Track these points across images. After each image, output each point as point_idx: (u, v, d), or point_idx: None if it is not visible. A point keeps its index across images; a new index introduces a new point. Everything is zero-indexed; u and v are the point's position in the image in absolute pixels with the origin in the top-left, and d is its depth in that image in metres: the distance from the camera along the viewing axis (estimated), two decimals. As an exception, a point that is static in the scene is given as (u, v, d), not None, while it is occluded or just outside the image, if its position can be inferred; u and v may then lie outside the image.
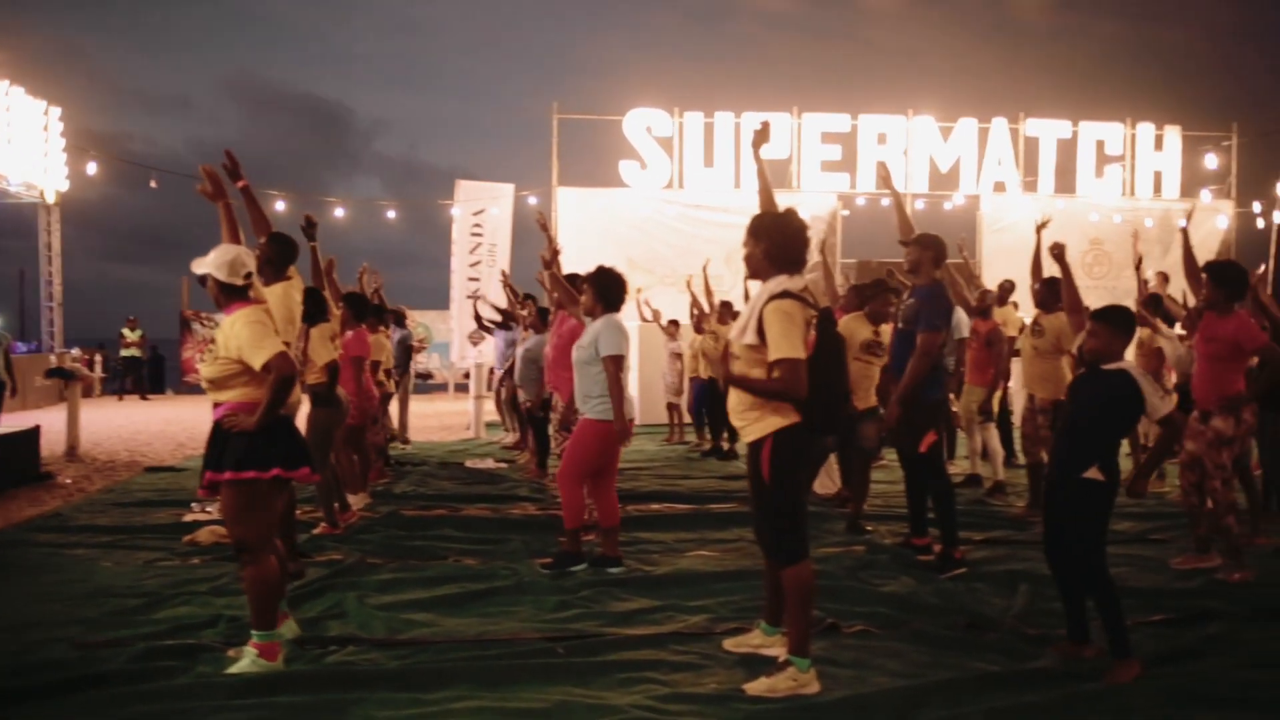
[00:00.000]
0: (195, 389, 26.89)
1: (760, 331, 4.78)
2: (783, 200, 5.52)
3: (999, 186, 21.92)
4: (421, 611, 6.12)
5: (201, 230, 6.06)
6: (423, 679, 4.91)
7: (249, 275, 5.09)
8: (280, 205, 21.42)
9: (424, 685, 4.84)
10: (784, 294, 4.78)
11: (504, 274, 16.18)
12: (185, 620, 5.85)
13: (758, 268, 4.96)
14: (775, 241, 4.89)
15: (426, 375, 28.73)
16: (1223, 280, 7.05)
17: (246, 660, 4.98)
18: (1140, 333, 10.69)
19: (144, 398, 25.99)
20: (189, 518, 8.78)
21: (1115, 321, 5.25)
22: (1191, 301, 8.82)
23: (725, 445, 13.76)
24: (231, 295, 5.05)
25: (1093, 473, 5.04)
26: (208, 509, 8.90)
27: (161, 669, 5.01)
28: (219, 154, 6.17)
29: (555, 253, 8.89)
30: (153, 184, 20.41)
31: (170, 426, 18.13)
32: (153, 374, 28.46)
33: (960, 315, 9.69)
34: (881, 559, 7.35)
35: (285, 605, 5.45)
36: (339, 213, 21.59)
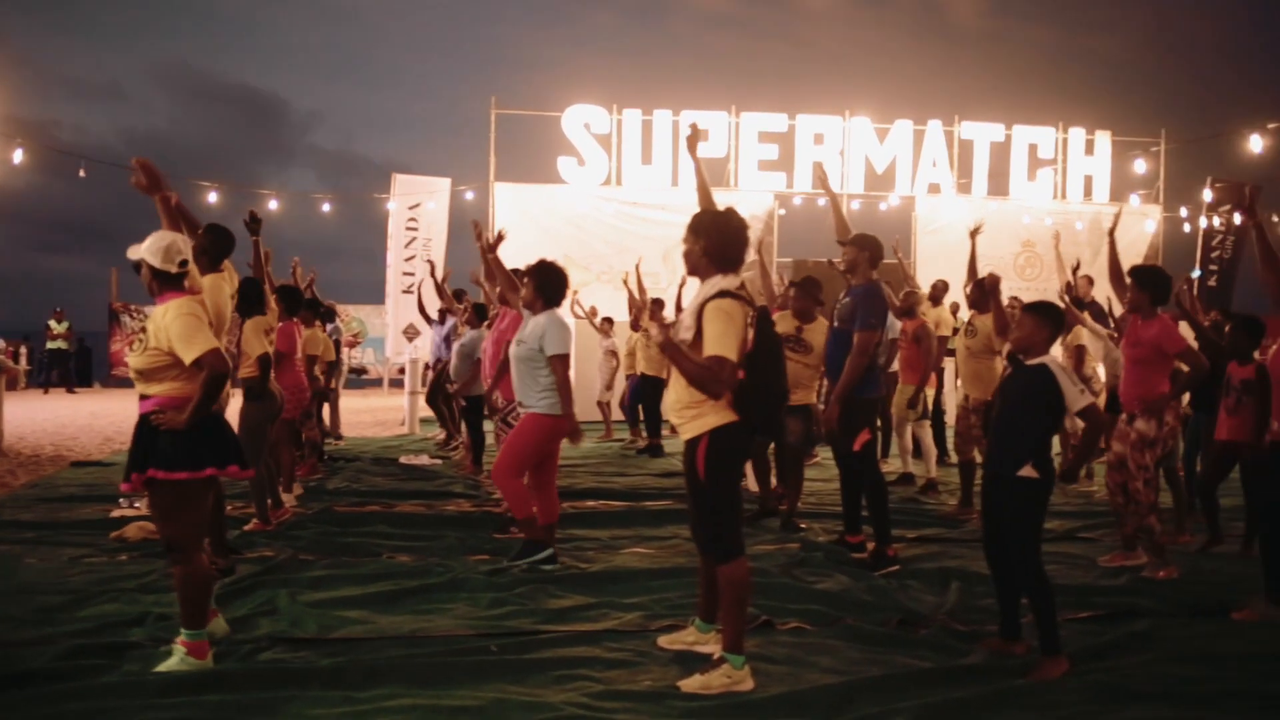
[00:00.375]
0: (123, 382, 26.48)
1: (699, 330, 4.80)
2: (720, 199, 5.55)
3: (934, 188, 22.15)
4: (354, 609, 6.06)
5: (133, 221, 5.93)
6: (355, 677, 4.85)
7: (184, 263, 5.00)
8: (213, 196, 21.14)
9: (357, 683, 4.79)
10: (724, 293, 4.79)
11: (430, 263, 16.07)
12: (112, 618, 5.74)
13: (697, 265, 4.97)
14: (715, 239, 4.90)
15: (361, 370, 28.52)
16: (1146, 284, 7.18)
17: (175, 658, 4.90)
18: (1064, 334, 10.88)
19: (71, 391, 25.54)
20: (116, 513, 8.63)
21: (1041, 313, 5.36)
22: (1119, 309, 8.96)
23: (659, 442, 13.79)
24: (165, 284, 4.95)
25: (1027, 471, 5.11)
26: (135, 504, 8.75)
27: (87, 667, 4.92)
28: (151, 143, 6.16)
29: (499, 238, 8.80)
30: (82, 173, 20.02)
31: (97, 420, 17.84)
32: (80, 367, 27.97)
33: (891, 319, 9.77)
34: (815, 556, 7.39)
35: (213, 603, 5.37)
36: (273, 205, 21.30)
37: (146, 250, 4.95)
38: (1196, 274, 11.31)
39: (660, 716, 4.52)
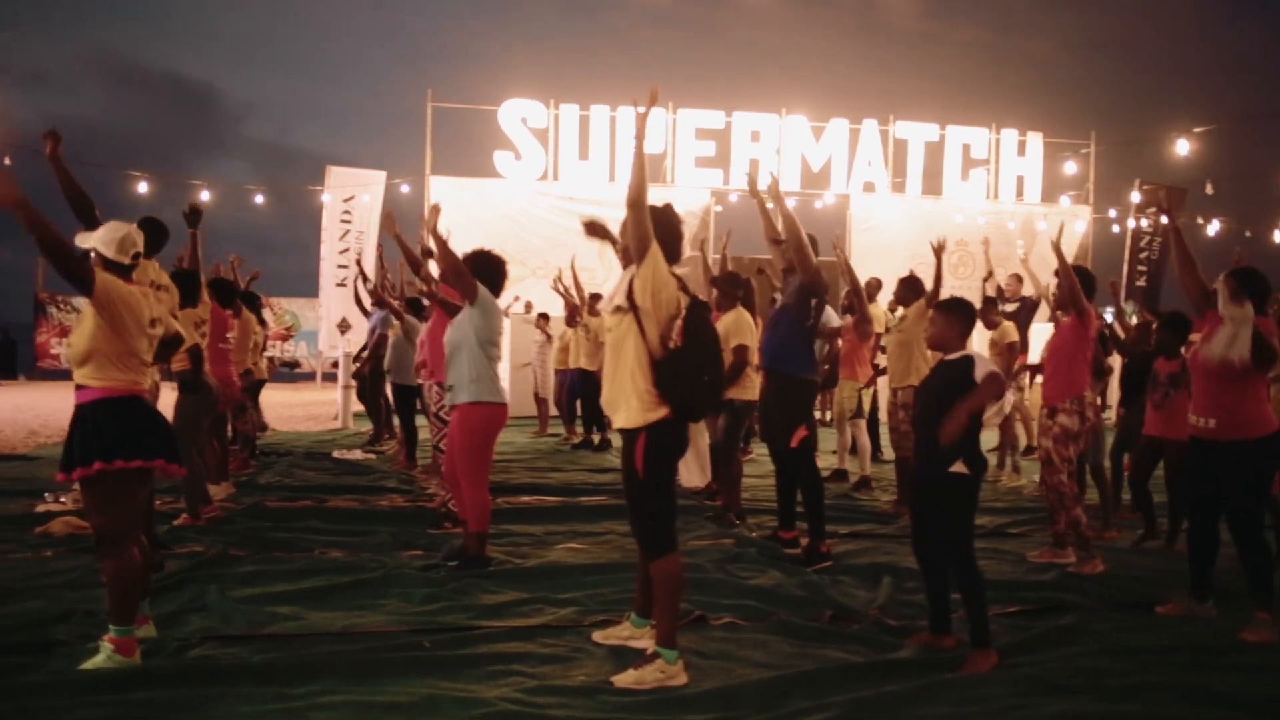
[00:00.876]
0: (50, 374, 26.06)
1: (629, 294, 4.86)
2: (657, 195, 5.55)
3: (869, 186, 22.33)
4: (286, 604, 6.00)
5: (60, 209, 5.80)
6: (286, 673, 4.81)
7: (137, 255, 4.98)
8: (143, 186, 20.85)
9: (288, 680, 4.74)
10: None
11: (359, 266, 15.99)
12: (37, 615, 5.62)
13: (635, 260, 4.99)
14: (655, 233, 4.93)
15: (294, 364, 28.26)
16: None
17: (102, 655, 4.82)
18: (993, 332, 11.09)
19: (-5, 383, 25.07)
20: (41, 508, 8.46)
21: (951, 310, 5.47)
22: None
23: (596, 438, 13.80)
24: (117, 275, 4.91)
25: (958, 466, 5.18)
26: (61, 499, 8.61)
27: (12, 666, 4.84)
28: (79, 131, 5.82)
29: (435, 211, 8.43)
30: (6, 160, 19.63)
31: (22, 413, 17.50)
32: (4, 358, 27.47)
33: (830, 310, 9.84)
34: (749, 552, 7.42)
35: (148, 607, 5.30)
36: (205, 196, 21.04)
37: (99, 240, 4.91)
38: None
39: (594, 711, 4.53)
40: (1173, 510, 7.93)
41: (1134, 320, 10.55)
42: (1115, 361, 9.62)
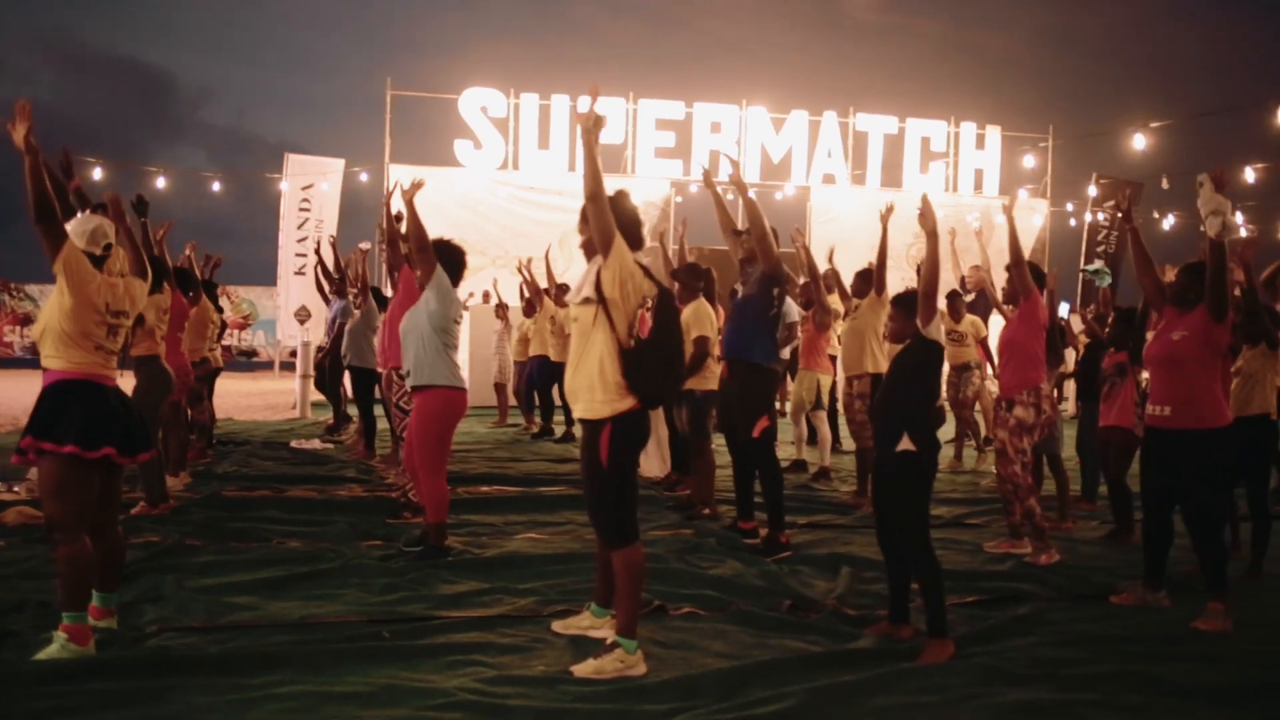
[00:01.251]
0: (3, 362, 25.73)
1: (597, 286, 4.85)
2: (617, 185, 5.53)
3: (829, 178, 22.38)
4: (243, 595, 5.96)
5: (9, 198, 5.73)
6: (244, 664, 4.78)
7: (109, 247, 4.96)
8: (98, 173, 20.60)
9: (245, 670, 4.71)
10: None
11: (332, 238, 15.87)
12: (-10, 605, 5.57)
13: (595, 250, 4.99)
14: (615, 220, 4.93)
15: (251, 353, 28.05)
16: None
17: (55, 645, 4.77)
18: (959, 325, 11.17)
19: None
20: (-6, 498, 8.38)
21: (906, 304, 5.54)
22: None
23: (559, 430, 13.79)
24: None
25: (905, 444, 5.23)
26: (15, 488, 8.52)
27: (-36, 656, 4.78)
28: (33, 117, 5.47)
29: (419, 184, 8.17)
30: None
31: (-26, 402, 17.28)
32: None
33: (790, 302, 9.88)
34: (709, 542, 7.44)
35: (114, 600, 5.26)
36: (161, 183, 20.85)
37: (72, 231, 4.90)
38: (1095, 268, 11.55)
39: (553, 701, 4.53)
40: (1124, 502, 8.01)
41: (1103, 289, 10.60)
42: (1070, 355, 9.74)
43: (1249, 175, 20.44)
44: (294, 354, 19.28)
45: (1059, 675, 4.98)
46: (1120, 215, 7.70)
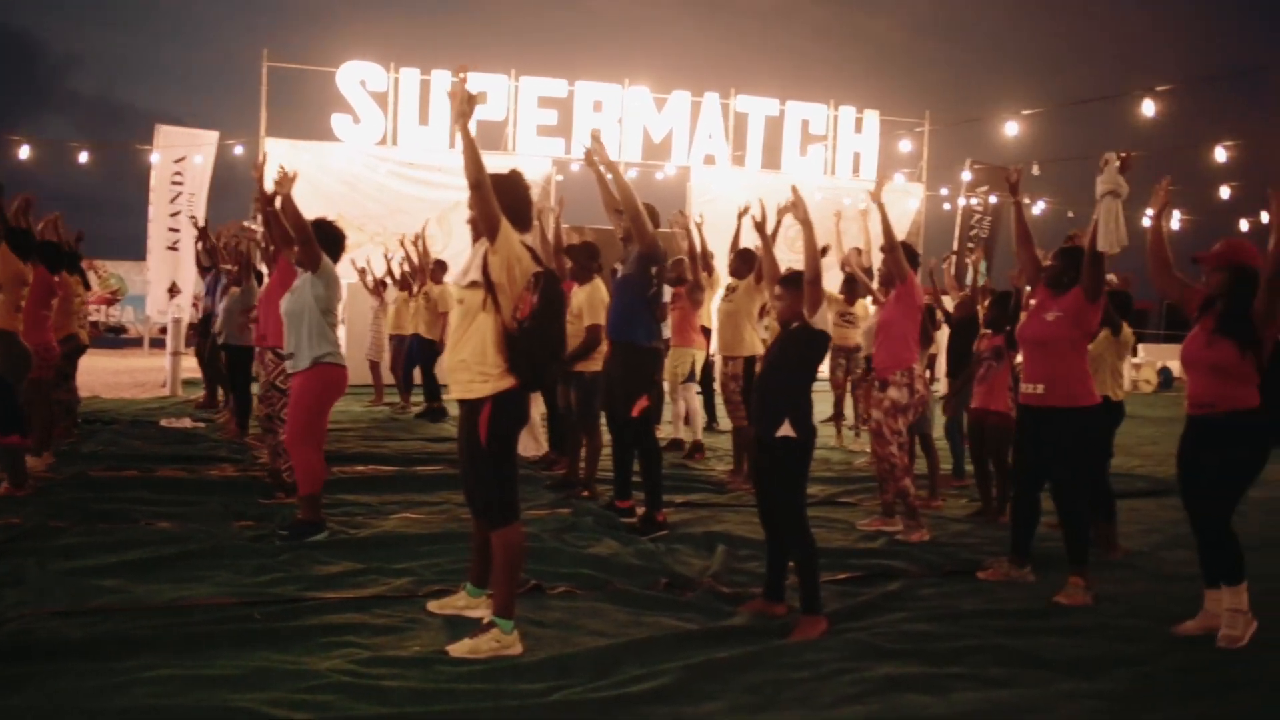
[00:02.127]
0: None
1: (485, 271, 4.83)
2: (498, 162, 5.52)
3: (709, 159, 22.46)
4: (109, 577, 5.82)
5: None
6: (111, 648, 4.69)
7: None
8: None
9: (112, 654, 4.62)
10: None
11: (197, 221, 15.48)
12: None
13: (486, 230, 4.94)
14: (503, 203, 4.90)
15: (120, 329, 27.31)
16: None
17: (-90, 632, 4.62)
18: (853, 308, 11.39)
19: None
20: None
21: (794, 284, 5.59)
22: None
23: (436, 405, 13.67)
24: None
25: (785, 429, 5.31)
26: None
27: None
28: None
29: (292, 176, 7.99)
30: None
31: None
32: None
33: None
34: (586, 521, 7.47)
35: None
36: (24, 153, 20.09)
37: None
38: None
39: (428, 681, 4.51)
40: (998, 481, 8.20)
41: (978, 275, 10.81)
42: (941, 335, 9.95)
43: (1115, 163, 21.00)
44: (164, 331, 18.80)
45: (927, 650, 5.12)
46: (991, 196, 7.91)
